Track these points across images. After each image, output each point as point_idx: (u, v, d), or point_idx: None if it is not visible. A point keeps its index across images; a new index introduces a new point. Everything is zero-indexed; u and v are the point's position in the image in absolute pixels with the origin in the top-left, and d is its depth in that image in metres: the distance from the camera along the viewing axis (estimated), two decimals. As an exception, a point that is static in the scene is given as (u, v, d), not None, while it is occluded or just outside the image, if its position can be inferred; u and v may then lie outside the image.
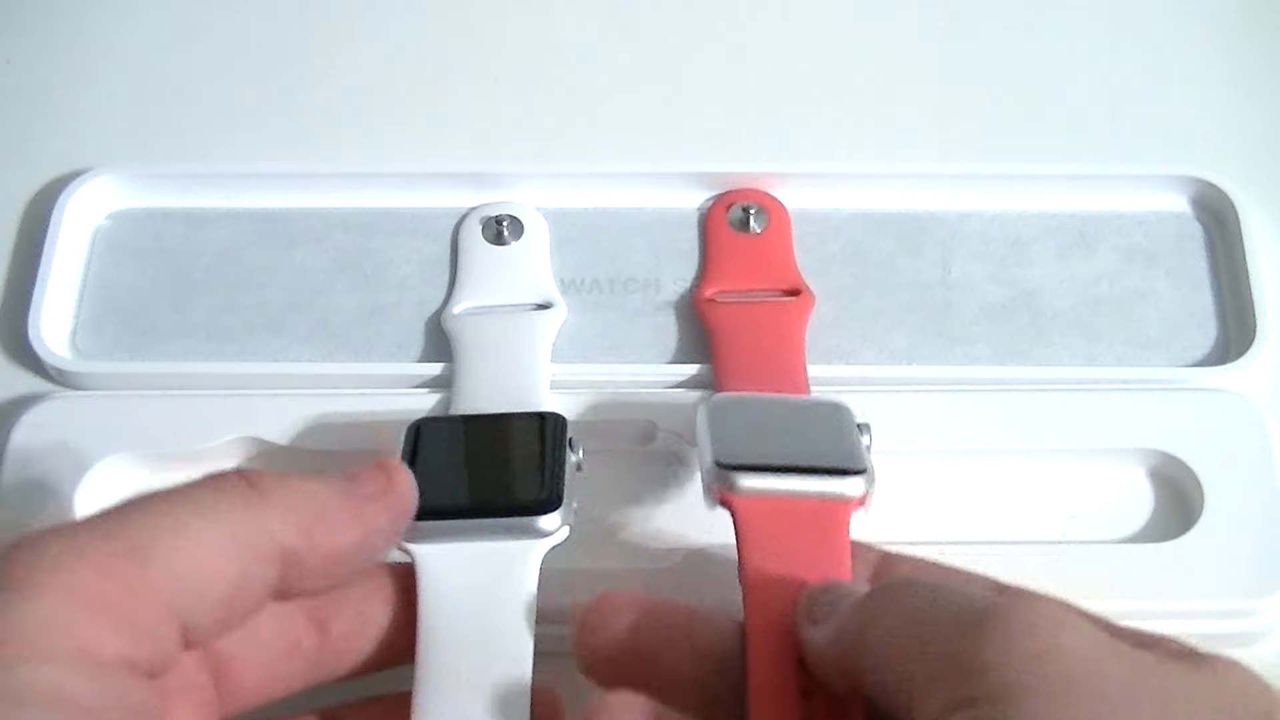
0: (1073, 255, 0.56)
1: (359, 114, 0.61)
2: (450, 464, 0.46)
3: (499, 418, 0.48)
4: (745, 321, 0.52)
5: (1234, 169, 0.57)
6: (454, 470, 0.46)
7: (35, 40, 0.63)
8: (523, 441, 0.47)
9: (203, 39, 0.63)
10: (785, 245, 0.55)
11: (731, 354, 0.51)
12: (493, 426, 0.48)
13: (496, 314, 0.53)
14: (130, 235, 0.57)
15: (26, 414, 0.52)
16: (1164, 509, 0.51)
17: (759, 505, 0.42)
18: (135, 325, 0.55)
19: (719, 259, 0.55)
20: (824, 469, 0.42)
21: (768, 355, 0.50)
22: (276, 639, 0.41)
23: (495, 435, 0.47)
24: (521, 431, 0.47)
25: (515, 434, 0.47)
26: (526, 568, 0.43)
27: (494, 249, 0.55)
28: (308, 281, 0.56)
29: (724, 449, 0.43)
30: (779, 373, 0.49)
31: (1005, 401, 0.52)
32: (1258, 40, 0.63)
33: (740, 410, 0.46)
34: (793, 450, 0.43)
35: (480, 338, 0.52)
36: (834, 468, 0.42)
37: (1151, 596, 0.48)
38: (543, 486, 0.45)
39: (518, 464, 0.46)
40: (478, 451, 0.46)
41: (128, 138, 0.60)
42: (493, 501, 0.44)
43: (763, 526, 0.41)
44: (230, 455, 0.52)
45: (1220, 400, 0.52)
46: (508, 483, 0.45)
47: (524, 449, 0.46)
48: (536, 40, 0.63)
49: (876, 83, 0.62)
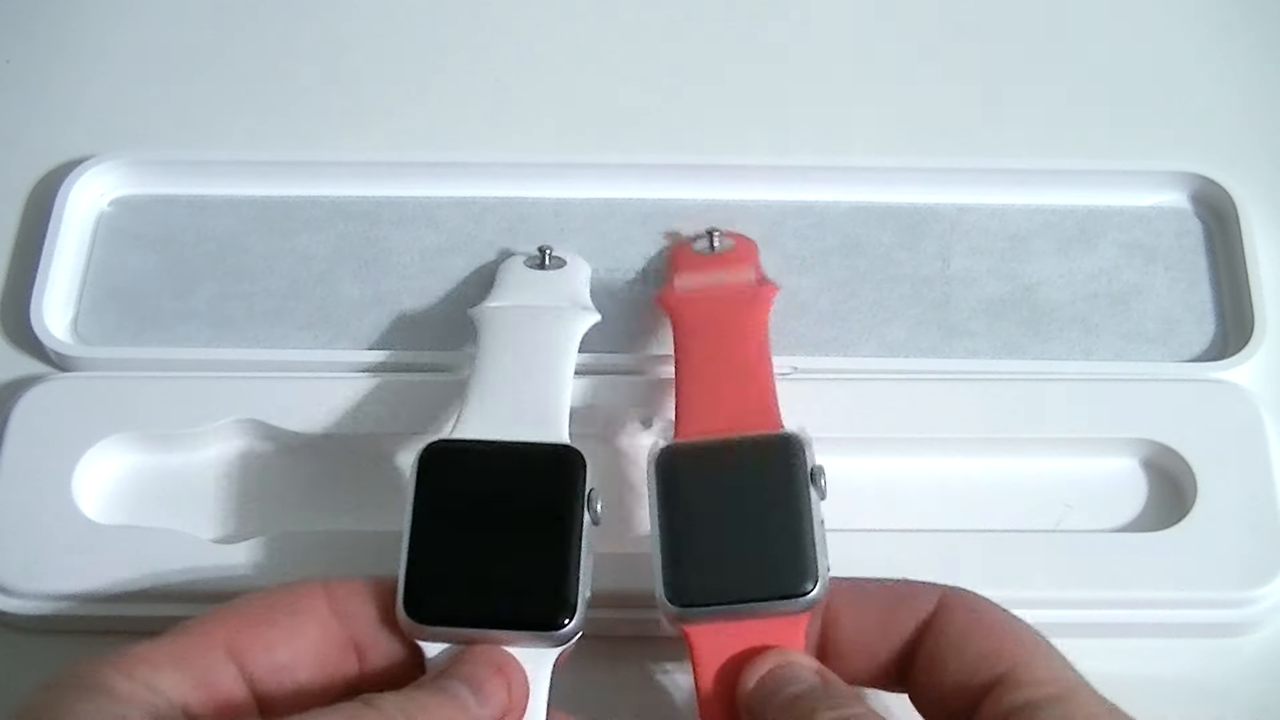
0: (1072, 250, 0.56)
1: (362, 102, 0.61)
2: (459, 543, 0.43)
3: (513, 470, 0.44)
4: (706, 311, 0.50)
5: (1234, 165, 0.57)
6: (463, 557, 0.43)
7: (40, 26, 0.63)
8: (538, 519, 0.43)
9: (207, 26, 0.64)
10: (749, 254, 0.54)
11: (692, 346, 0.49)
12: (505, 485, 0.44)
13: (528, 310, 0.52)
14: (133, 222, 0.57)
15: (25, 395, 0.52)
16: (1157, 499, 0.51)
17: (713, 631, 0.43)
18: (137, 311, 0.55)
19: (681, 266, 0.53)
20: (777, 596, 0.42)
21: (730, 346, 0.49)
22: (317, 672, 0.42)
23: (508, 504, 0.44)
24: (537, 502, 0.44)
25: (530, 506, 0.44)
26: (540, 672, 0.42)
27: (536, 271, 0.54)
28: (309, 269, 0.56)
29: (677, 582, 0.43)
30: (740, 365, 0.48)
31: (1001, 392, 0.52)
32: (1258, 36, 0.62)
33: (690, 506, 0.44)
34: (745, 571, 0.43)
35: (508, 328, 0.50)
36: (786, 594, 0.42)
37: (1144, 586, 0.48)
38: (557, 595, 0.42)
39: (531, 561, 0.43)
40: (488, 530, 0.43)
41: (131, 124, 0.61)
42: (503, 611, 0.42)
43: (717, 647, 0.43)
44: (228, 437, 0.52)
45: (1213, 391, 0.52)
46: (520, 589, 0.42)
47: (538, 531, 0.43)
48: (538, 30, 0.63)
49: (876, 76, 0.62)
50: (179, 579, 0.49)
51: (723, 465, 0.45)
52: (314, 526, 0.51)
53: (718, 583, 0.43)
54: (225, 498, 0.52)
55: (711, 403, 0.47)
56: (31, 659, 0.48)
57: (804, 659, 0.42)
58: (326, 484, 0.52)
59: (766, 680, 0.41)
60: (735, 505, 0.44)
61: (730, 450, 0.45)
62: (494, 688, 0.41)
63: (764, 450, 0.45)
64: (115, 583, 0.49)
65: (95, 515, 0.50)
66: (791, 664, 0.41)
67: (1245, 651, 0.48)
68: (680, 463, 0.45)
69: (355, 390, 0.52)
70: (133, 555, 0.49)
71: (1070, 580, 0.48)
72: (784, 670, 0.41)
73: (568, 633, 0.42)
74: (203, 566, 0.49)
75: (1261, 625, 0.48)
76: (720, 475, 0.45)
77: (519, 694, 0.41)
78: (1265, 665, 0.48)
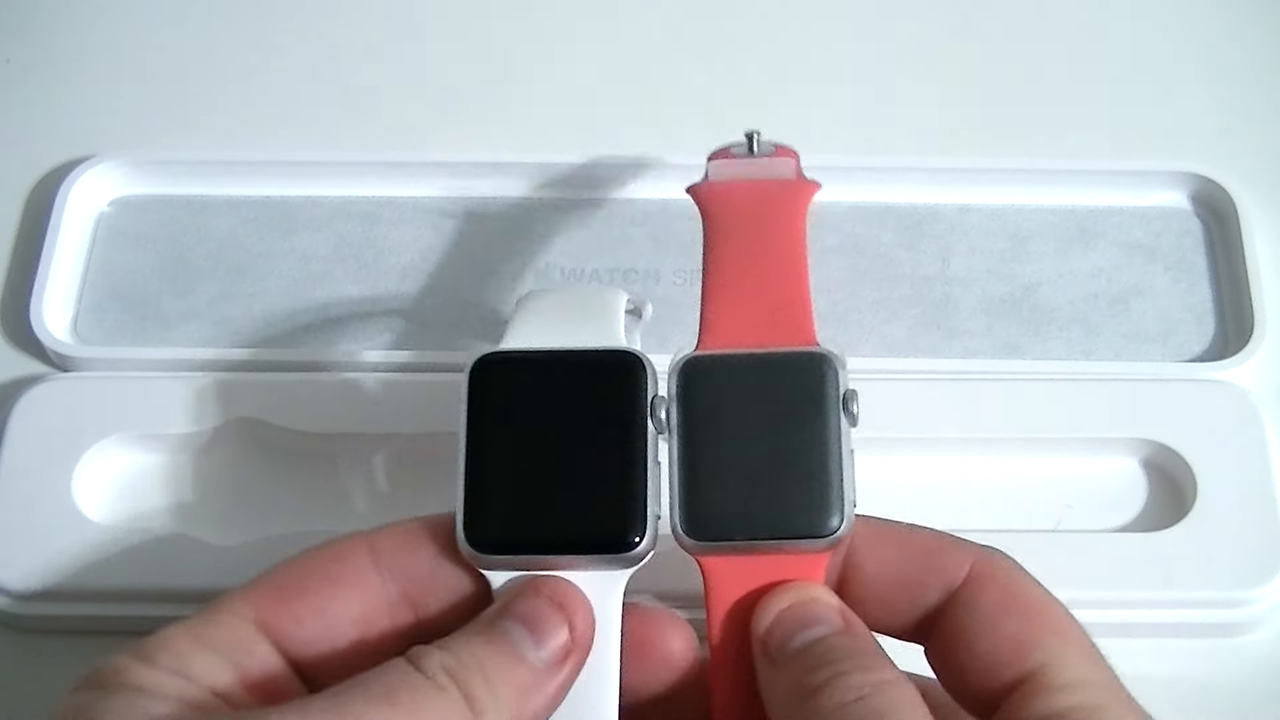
0: (1072, 250, 0.56)
1: (361, 102, 0.61)
2: (518, 463, 0.40)
3: (570, 380, 0.41)
4: (741, 202, 0.46)
5: (1234, 165, 0.57)
6: (524, 478, 0.40)
7: (40, 26, 0.63)
8: (600, 433, 0.41)
9: (207, 26, 0.64)
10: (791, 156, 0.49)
11: (724, 243, 0.45)
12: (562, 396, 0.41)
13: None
14: (133, 222, 0.57)
15: (25, 395, 0.52)
16: (1157, 499, 0.51)
17: (731, 563, 0.40)
18: (137, 311, 0.55)
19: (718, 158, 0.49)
20: (801, 535, 0.40)
21: (765, 245, 0.45)
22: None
23: (567, 416, 0.41)
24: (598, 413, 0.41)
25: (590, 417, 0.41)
26: (610, 597, 0.39)
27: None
28: (309, 269, 0.56)
29: (692, 510, 0.40)
30: (776, 268, 0.44)
31: (1001, 391, 0.52)
32: (1258, 36, 0.62)
33: (711, 425, 0.41)
34: (767, 503, 0.40)
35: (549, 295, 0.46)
36: (810, 533, 0.40)
37: (1144, 586, 0.48)
38: (626, 513, 0.40)
39: (595, 478, 0.40)
40: (547, 447, 0.40)
41: (131, 124, 0.61)
42: (569, 534, 0.40)
43: (733, 580, 0.40)
44: (228, 437, 0.52)
45: (1213, 391, 0.52)
46: (585, 509, 0.40)
47: (601, 445, 0.40)
48: (538, 30, 0.63)
49: (877, 76, 0.62)
50: (179, 579, 0.49)
51: (749, 382, 0.41)
52: (314, 527, 0.50)
53: (738, 515, 0.40)
54: (225, 498, 0.52)
55: (741, 311, 0.43)
56: (31, 659, 0.49)
57: (826, 595, 0.39)
58: (326, 484, 0.52)
59: (786, 617, 0.38)
60: (760, 428, 0.41)
61: (758, 366, 0.42)
62: (553, 626, 0.38)
63: (795, 369, 0.41)
64: (115, 583, 0.49)
65: (95, 515, 0.50)
66: (814, 600, 0.39)
67: (1245, 651, 0.48)
68: (703, 377, 0.41)
69: (355, 390, 0.52)
70: (133, 555, 0.49)
71: (1070, 580, 0.47)
72: (805, 608, 0.39)
73: (639, 553, 0.39)
74: (203, 566, 0.49)
75: (1261, 625, 0.48)
76: (746, 393, 0.41)
77: (583, 630, 0.39)
78: (1265, 665, 0.48)
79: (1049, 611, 0.39)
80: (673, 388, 0.41)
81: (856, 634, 0.38)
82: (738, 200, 0.46)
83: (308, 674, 0.39)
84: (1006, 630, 0.38)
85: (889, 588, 0.40)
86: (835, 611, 0.39)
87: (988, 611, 0.39)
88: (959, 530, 0.49)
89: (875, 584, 0.40)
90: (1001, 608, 0.39)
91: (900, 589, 0.40)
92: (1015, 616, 0.38)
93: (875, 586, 0.40)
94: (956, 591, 0.39)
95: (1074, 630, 0.39)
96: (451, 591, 0.40)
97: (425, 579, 0.40)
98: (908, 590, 0.40)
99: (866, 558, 0.41)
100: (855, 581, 0.40)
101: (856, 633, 0.38)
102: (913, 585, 0.40)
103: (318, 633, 0.39)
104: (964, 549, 0.40)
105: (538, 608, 0.38)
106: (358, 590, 0.39)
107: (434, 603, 0.40)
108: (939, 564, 0.40)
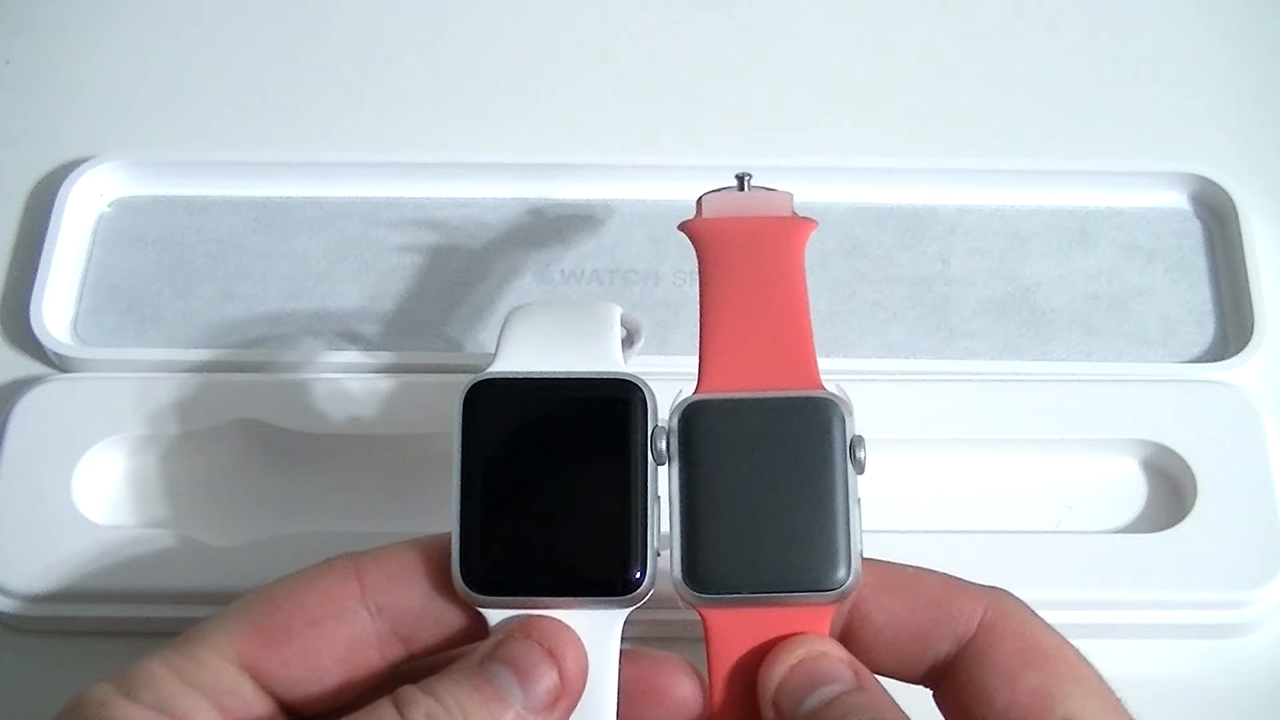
0: (1072, 251, 0.56)
1: (361, 103, 0.61)
2: (514, 496, 0.40)
3: (565, 407, 0.40)
4: (738, 239, 0.45)
5: (1234, 166, 0.57)
6: (520, 513, 0.39)
7: (40, 26, 0.63)
8: (596, 465, 0.40)
9: (207, 26, 0.64)
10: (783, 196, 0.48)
11: (720, 281, 0.44)
12: (558, 425, 0.40)
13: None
14: (132, 223, 0.57)
15: (25, 395, 0.52)
16: (1157, 500, 0.51)
17: (733, 616, 0.39)
18: (137, 312, 0.55)
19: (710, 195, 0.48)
20: (806, 588, 0.39)
21: (764, 282, 0.44)
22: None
23: (563, 446, 0.40)
24: (595, 444, 0.40)
25: (587, 448, 0.40)
26: (607, 638, 0.39)
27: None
28: (309, 269, 0.56)
29: (693, 562, 0.39)
30: (775, 306, 0.43)
31: (1002, 392, 0.52)
32: (1258, 37, 0.62)
33: (713, 473, 0.40)
34: (771, 556, 0.39)
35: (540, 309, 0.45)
36: (815, 586, 0.39)
37: (1145, 587, 0.48)
38: (622, 553, 0.39)
39: (591, 515, 0.39)
40: (543, 479, 0.40)
41: (131, 125, 0.61)
42: (565, 576, 0.39)
43: (736, 633, 0.39)
44: (228, 437, 0.52)
45: (1213, 392, 0.52)
46: (582, 549, 0.39)
47: (597, 479, 0.40)
48: (539, 30, 0.63)
49: (877, 76, 0.62)
50: (178, 580, 0.49)
51: (752, 428, 0.40)
52: (314, 527, 0.51)
53: (742, 567, 0.39)
54: (225, 498, 0.52)
55: (742, 351, 0.42)
56: (31, 659, 0.49)
57: (836, 649, 0.39)
58: (326, 484, 0.52)
59: (796, 674, 0.38)
60: (764, 476, 0.40)
61: (761, 411, 0.40)
62: (542, 673, 0.38)
63: (799, 414, 0.40)
64: (115, 583, 0.49)
65: (95, 516, 0.50)
66: (824, 655, 0.38)
67: (1245, 652, 0.48)
68: (705, 422, 0.40)
69: (355, 390, 0.52)
70: (132, 556, 0.49)
71: (1070, 581, 0.48)
72: (815, 664, 0.38)
73: (639, 594, 0.39)
74: (202, 567, 0.49)
75: (1261, 626, 0.48)
76: (749, 440, 0.40)
77: (574, 672, 0.38)
78: (1265, 665, 0.48)
79: (1066, 661, 0.38)
80: (673, 432, 0.40)
81: (869, 689, 0.38)
82: (735, 236, 0.44)
83: (293, 709, 0.39)
84: (1026, 684, 0.38)
85: (898, 637, 0.40)
86: (846, 666, 0.38)
87: (1005, 664, 0.38)
88: (960, 531, 0.50)
89: (884, 633, 0.40)
90: (1019, 659, 0.38)
91: (910, 638, 0.39)
92: (1034, 669, 0.38)
93: (884, 636, 0.40)
94: (969, 642, 0.39)
95: (1093, 680, 0.38)
96: (444, 626, 0.40)
97: (417, 616, 0.39)
98: (917, 640, 0.39)
99: (874, 607, 0.40)
100: (863, 631, 0.40)
101: (869, 688, 0.38)
102: (922, 635, 0.39)
103: (304, 674, 0.38)
104: (972, 595, 0.39)
105: (527, 653, 0.38)
106: (346, 629, 0.39)
107: (426, 636, 0.40)
108: (948, 614, 0.39)
